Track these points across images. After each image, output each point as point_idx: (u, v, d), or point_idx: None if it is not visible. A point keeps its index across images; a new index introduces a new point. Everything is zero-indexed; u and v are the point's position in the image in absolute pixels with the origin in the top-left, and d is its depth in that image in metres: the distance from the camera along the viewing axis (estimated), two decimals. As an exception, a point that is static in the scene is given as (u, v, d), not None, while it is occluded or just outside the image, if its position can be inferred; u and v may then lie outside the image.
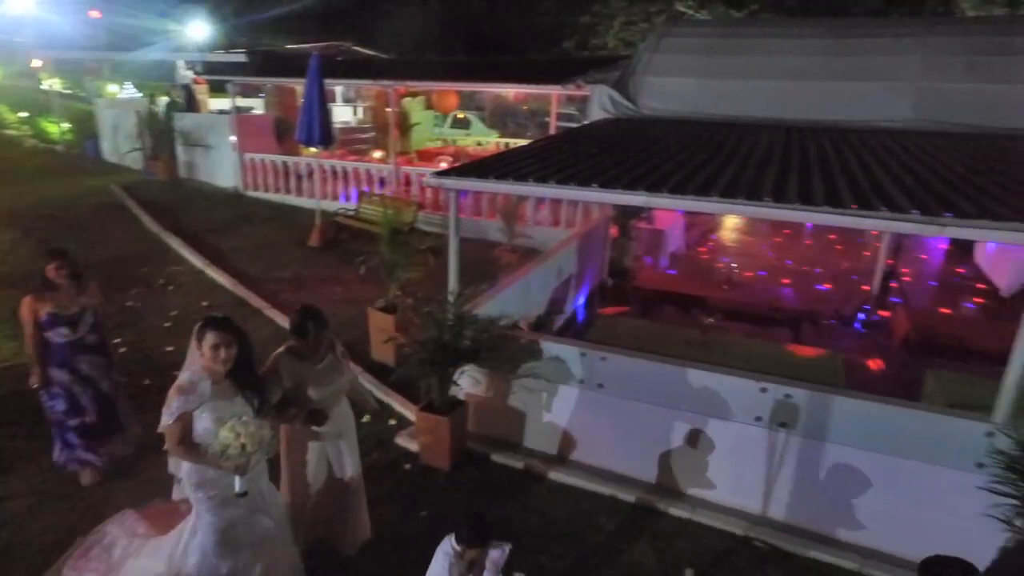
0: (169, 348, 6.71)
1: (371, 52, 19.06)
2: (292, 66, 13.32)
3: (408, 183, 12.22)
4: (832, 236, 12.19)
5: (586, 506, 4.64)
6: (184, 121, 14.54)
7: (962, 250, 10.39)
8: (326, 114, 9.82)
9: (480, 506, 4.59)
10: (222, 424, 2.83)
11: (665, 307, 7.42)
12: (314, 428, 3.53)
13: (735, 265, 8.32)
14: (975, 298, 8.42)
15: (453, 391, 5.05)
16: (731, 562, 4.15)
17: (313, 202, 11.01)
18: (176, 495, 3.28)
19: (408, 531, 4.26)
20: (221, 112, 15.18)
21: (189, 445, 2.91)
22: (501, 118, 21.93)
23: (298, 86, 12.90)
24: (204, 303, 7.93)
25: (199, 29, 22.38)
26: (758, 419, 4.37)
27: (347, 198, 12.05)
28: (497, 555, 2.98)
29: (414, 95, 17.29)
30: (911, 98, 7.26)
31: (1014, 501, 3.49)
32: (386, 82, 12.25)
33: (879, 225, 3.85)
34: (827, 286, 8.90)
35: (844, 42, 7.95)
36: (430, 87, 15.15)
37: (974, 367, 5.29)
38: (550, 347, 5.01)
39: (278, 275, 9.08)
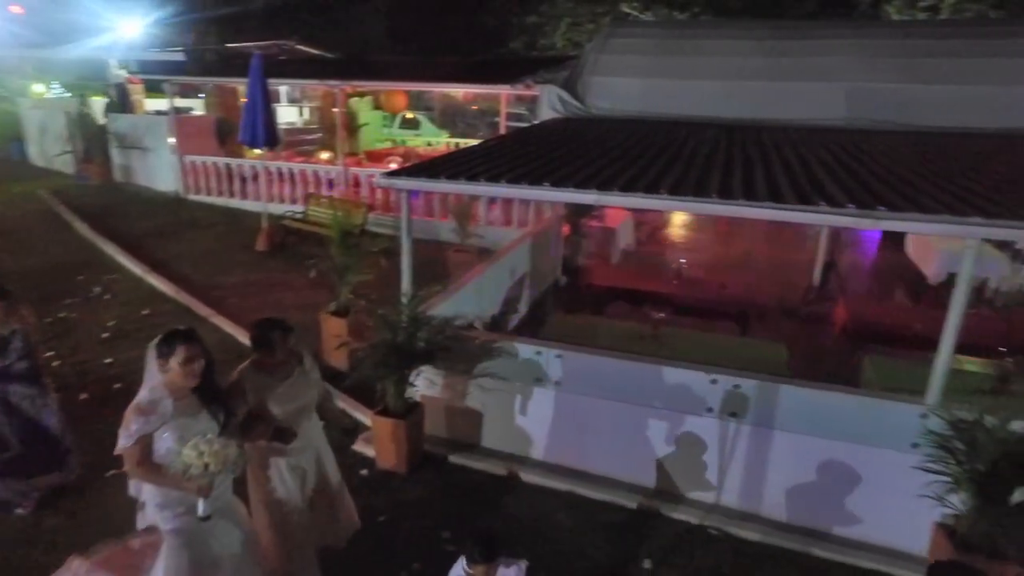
0: (108, 360, 6.41)
1: (316, 51, 18.67)
2: (233, 65, 12.95)
3: (357, 184, 12.04)
4: (775, 230, 12.62)
5: (546, 503, 4.67)
6: (119, 122, 13.93)
7: (894, 242, 10.91)
8: (270, 114, 9.58)
9: (454, 512, 4.57)
10: (186, 443, 2.69)
11: (618, 303, 7.54)
12: (279, 445, 3.31)
13: (684, 260, 8.53)
14: (906, 287, 8.86)
15: (409, 393, 4.99)
16: (686, 550, 4.25)
17: (259, 205, 10.72)
18: (140, 522, 3.06)
19: (367, 538, 4.19)
20: (158, 113, 14.61)
21: (149, 466, 2.76)
22: (451, 118, 21.88)
23: (240, 86, 12.55)
24: (144, 311, 7.62)
25: (134, 26, 21.46)
26: (709, 410, 4.49)
27: (295, 200, 11.80)
28: (513, 573, 2.90)
29: (362, 95, 17.03)
30: (845, 98, 7.57)
31: (946, 479, 3.71)
32: (332, 82, 12.03)
33: (819, 219, 4.00)
34: (771, 279, 9.21)
35: (782, 44, 8.24)
36: (378, 87, 14.96)
37: (908, 352, 5.56)
38: (506, 346, 5.02)
39: (224, 281, 8.80)
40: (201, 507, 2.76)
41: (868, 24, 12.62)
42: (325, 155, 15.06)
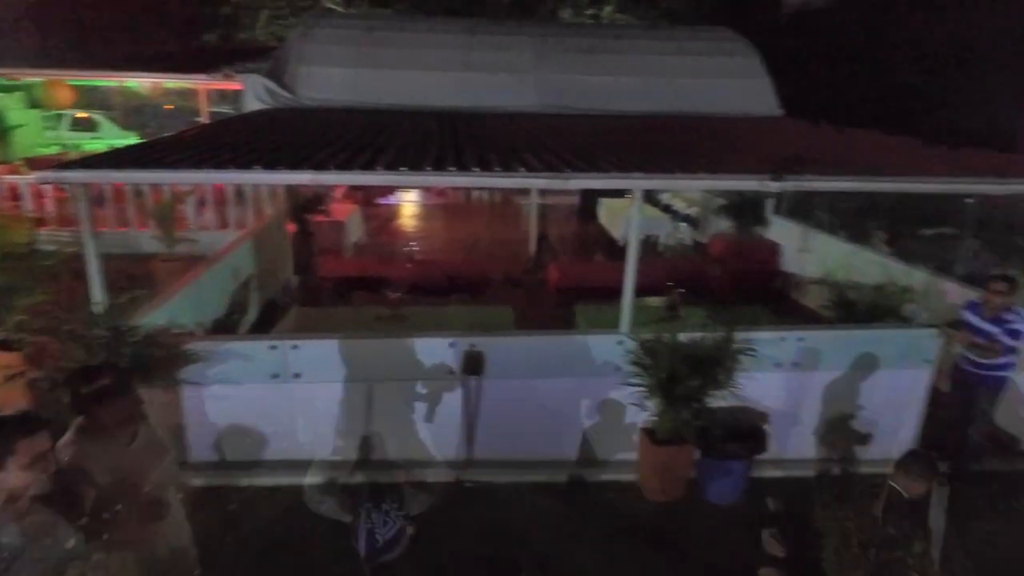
0: None
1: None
2: None
3: (16, 197, 9.84)
4: (496, 213, 13.77)
5: (294, 503, 4.45)
6: None
7: (589, 213, 12.74)
8: None
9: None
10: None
11: (354, 293, 7.47)
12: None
13: (415, 245, 8.82)
14: (602, 249, 10.43)
15: (120, 419, 4.29)
16: (447, 507, 4.45)
17: None
18: None
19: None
20: None
21: None
22: (138, 118, 19.06)
23: None
24: None
25: None
26: (451, 372, 4.73)
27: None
28: None
29: (8, 89, 13.89)
30: (534, 87, 8.56)
31: (642, 388, 4.50)
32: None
33: (521, 183, 4.51)
34: (496, 254, 10.03)
35: (478, 38, 8.96)
36: (24, 74, 12.28)
37: (608, 300, 6.54)
38: (234, 347, 4.63)
39: None
40: None
41: (550, 24, 14.40)
42: (-38, 164, 11.98)
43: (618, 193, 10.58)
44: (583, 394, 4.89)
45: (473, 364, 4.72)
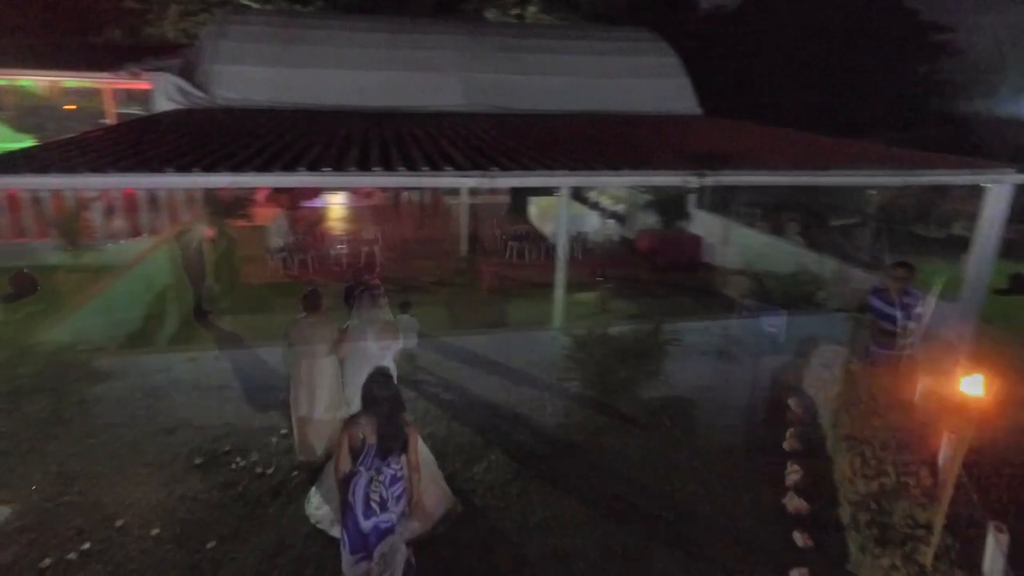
0: None
1: None
2: None
3: None
4: (426, 214, 13.63)
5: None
6: None
7: (519, 212, 12.83)
8: None
9: None
10: None
11: (279, 299, 7.21)
12: None
13: (343, 247, 8.62)
14: (534, 246, 10.49)
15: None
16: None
17: None
18: None
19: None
20: None
21: None
22: (35, 120, 17.66)
23: None
24: None
25: None
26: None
27: None
28: None
29: None
30: (460, 86, 8.53)
31: (576, 380, 4.57)
32: None
33: (447, 182, 4.47)
34: (428, 256, 9.92)
35: (403, 37, 8.84)
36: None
37: (544, 294, 6.61)
38: (151, 360, 4.38)
39: None
40: None
41: (475, 23, 14.40)
42: None
43: (548, 191, 10.69)
44: (520, 389, 4.91)
45: (413, 364, 4.66)
